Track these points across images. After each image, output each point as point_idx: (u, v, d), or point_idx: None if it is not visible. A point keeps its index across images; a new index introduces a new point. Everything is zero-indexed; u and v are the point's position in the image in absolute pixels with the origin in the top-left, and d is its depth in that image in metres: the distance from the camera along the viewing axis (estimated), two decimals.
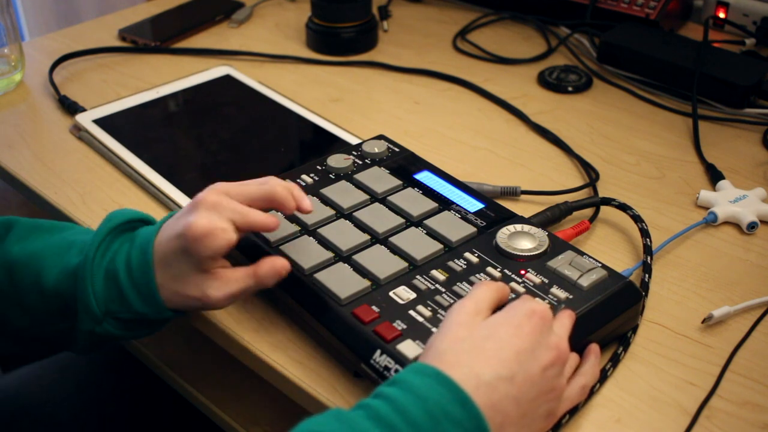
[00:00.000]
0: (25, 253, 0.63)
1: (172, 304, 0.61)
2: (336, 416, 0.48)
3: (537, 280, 0.61)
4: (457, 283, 0.61)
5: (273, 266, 0.59)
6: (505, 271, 0.62)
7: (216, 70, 1.01)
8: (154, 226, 0.62)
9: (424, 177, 0.74)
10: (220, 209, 0.58)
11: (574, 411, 0.56)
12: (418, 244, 0.65)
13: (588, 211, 0.76)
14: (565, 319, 0.56)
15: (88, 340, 0.62)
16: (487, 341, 0.51)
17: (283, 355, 0.62)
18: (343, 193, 0.71)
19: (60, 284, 0.61)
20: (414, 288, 0.61)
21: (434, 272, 0.62)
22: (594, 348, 0.59)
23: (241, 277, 0.60)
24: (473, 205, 0.70)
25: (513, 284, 0.61)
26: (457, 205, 0.70)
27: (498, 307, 0.56)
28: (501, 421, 0.49)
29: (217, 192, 0.59)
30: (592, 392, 0.58)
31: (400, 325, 0.57)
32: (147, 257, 0.59)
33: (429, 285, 0.61)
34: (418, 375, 0.49)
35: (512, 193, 0.78)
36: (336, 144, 0.87)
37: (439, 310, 0.59)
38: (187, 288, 0.59)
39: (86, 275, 0.60)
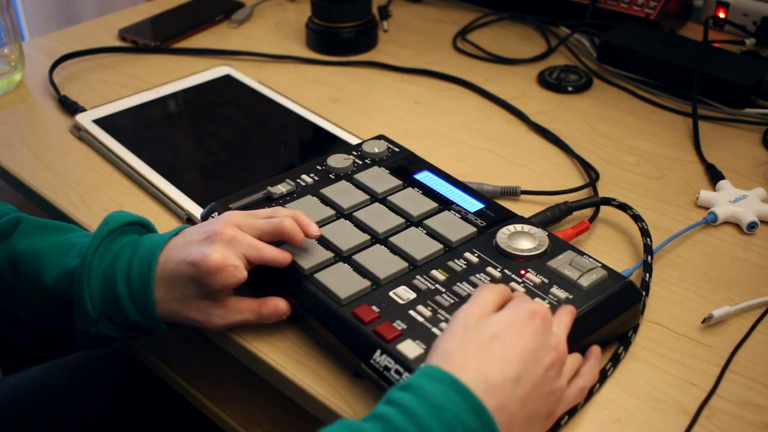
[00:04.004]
0: (29, 250, 0.64)
1: (168, 319, 0.62)
2: (351, 430, 0.47)
3: (537, 280, 0.61)
4: (457, 283, 0.61)
5: (276, 310, 0.62)
6: (505, 271, 0.62)
7: (216, 70, 1.01)
8: (160, 239, 0.62)
9: (424, 177, 0.74)
10: (235, 244, 0.60)
11: (573, 412, 0.56)
12: (418, 244, 0.65)
13: (588, 211, 0.76)
14: (564, 317, 0.56)
15: (85, 338, 0.63)
16: (492, 342, 0.51)
17: (283, 355, 0.62)
18: (343, 193, 0.71)
19: (58, 284, 0.62)
20: (414, 288, 0.61)
21: (434, 272, 0.62)
22: (595, 350, 0.59)
23: (244, 310, 0.62)
24: (473, 205, 0.70)
25: (513, 284, 0.61)
26: (457, 205, 0.70)
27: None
28: (508, 422, 0.50)
29: (232, 226, 0.61)
30: (591, 393, 0.58)
31: (400, 325, 0.57)
32: (149, 272, 0.60)
33: (429, 285, 0.61)
34: (432, 381, 0.49)
35: (512, 193, 0.78)
36: (336, 144, 0.87)
37: (439, 310, 0.59)
38: (190, 311, 0.61)
39: (83, 278, 0.61)
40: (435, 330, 0.57)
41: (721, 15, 1.10)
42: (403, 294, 0.60)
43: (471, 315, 0.53)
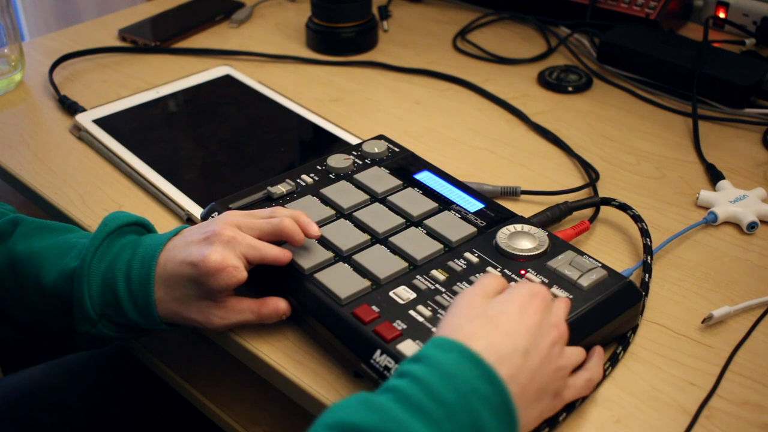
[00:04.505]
0: (28, 251, 0.63)
1: (168, 319, 0.62)
2: (363, 402, 0.47)
3: (537, 280, 0.61)
4: (457, 283, 0.61)
5: (276, 310, 0.62)
6: (505, 271, 0.62)
7: (216, 70, 1.01)
8: (159, 240, 0.62)
9: (424, 177, 0.74)
10: (235, 244, 0.60)
11: (571, 409, 0.56)
12: (418, 244, 0.65)
13: (588, 211, 0.76)
14: (561, 304, 0.57)
15: (85, 339, 0.63)
16: (500, 316, 0.51)
17: (283, 355, 0.62)
18: (343, 193, 0.71)
19: (58, 285, 0.62)
20: (414, 288, 0.61)
21: (434, 272, 0.62)
22: (598, 349, 0.59)
23: (244, 310, 0.62)
24: (473, 205, 0.70)
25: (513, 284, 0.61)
26: (457, 205, 0.70)
27: None
28: (520, 393, 0.50)
29: (231, 226, 0.61)
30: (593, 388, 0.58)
31: (400, 324, 0.58)
32: (149, 273, 0.60)
33: (429, 285, 0.61)
34: (442, 350, 0.49)
35: (512, 193, 0.78)
36: (336, 144, 0.87)
37: (439, 310, 0.59)
38: (190, 312, 0.61)
39: (83, 279, 0.61)
40: (435, 330, 0.57)
41: (721, 15, 1.10)
42: (403, 294, 0.60)
43: (474, 295, 0.54)
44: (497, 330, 0.51)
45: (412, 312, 0.59)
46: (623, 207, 0.73)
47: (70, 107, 0.93)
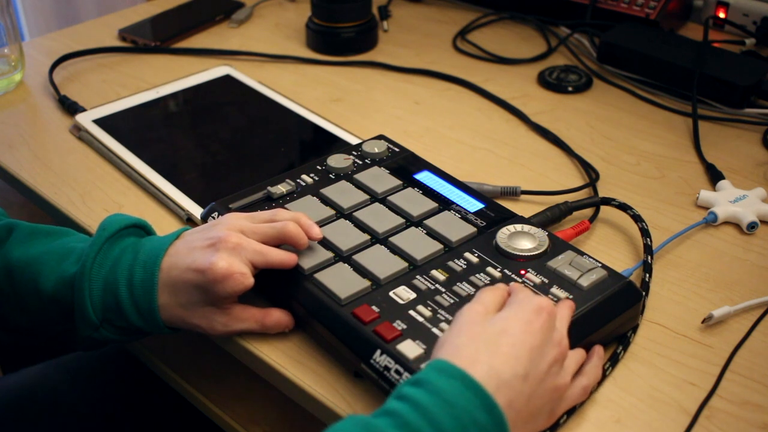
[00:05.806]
0: (25, 258, 0.63)
1: (171, 324, 0.62)
2: (362, 427, 0.47)
3: (537, 280, 0.61)
4: (457, 283, 0.61)
5: (279, 323, 0.62)
6: (505, 271, 0.62)
7: (216, 70, 1.01)
8: (161, 244, 0.62)
9: (424, 177, 0.74)
10: (241, 250, 0.59)
11: (572, 411, 0.56)
12: (418, 244, 0.65)
13: (588, 211, 0.76)
14: (565, 311, 0.57)
15: (87, 342, 0.63)
16: (501, 337, 0.51)
17: (283, 355, 0.62)
18: (343, 193, 0.71)
19: (57, 291, 0.61)
20: (414, 288, 0.61)
21: (434, 272, 0.62)
22: (598, 349, 0.59)
23: (248, 319, 0.62)
24: (473, 205, 0.70)
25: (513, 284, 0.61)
26: (457, 205, 0.70)
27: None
28: (514, 419, 0.50)
29: (236, 232, 0.60)
30: (590, 392, 0.58)
31: (400, 325, 0.57)
32: (152, 278, 0.60)
33: (429, 285, 0.61)
34: (443, 376, 0.49)
35: (512, 193, 0.78)
36: (336, 144, 0.87)
37: (439, 310, 0.59)
38: (193, 318, 0.61)
39: (83, 285, 0.60)
40: (435, 330, 0.57)
41: (721, 15, 1.10)
42: (403, 294, 0.60)
43: (476, 312, 0.54)
44: (498, 353, 0.50)
45: (412, 312, 0.59)
46: (623, 207, 0.73)
47: (70, 107, 0.93)
